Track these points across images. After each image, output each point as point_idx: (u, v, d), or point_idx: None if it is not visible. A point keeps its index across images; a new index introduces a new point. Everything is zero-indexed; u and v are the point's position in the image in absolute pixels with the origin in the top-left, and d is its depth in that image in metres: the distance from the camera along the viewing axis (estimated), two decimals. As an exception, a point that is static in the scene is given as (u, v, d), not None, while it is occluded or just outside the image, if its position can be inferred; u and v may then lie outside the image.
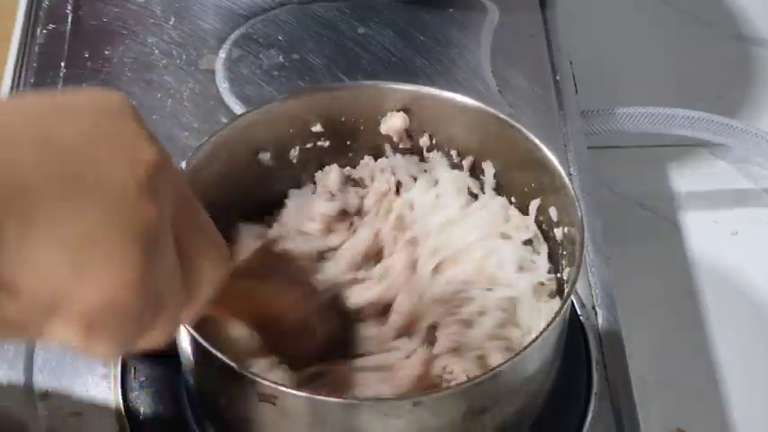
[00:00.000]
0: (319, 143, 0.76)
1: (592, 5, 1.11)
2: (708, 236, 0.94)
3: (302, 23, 0.98)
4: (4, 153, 0.43)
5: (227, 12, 0.99)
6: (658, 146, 0.99)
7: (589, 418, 0.72)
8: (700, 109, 0.94)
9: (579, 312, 0.77)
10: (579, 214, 0.66)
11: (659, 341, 0.85)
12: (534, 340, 0.62)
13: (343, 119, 0.76)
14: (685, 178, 0.98)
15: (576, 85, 0.95)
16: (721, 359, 0.85)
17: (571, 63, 0.97)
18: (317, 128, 0.75)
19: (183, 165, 0.69)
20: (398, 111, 0.75)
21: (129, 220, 0.45)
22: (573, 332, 0.74)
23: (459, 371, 0.66)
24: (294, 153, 0.76)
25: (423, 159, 0.77)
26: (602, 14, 1.11)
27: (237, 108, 0.90)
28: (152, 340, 0.49)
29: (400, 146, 0.76)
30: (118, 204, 0.44)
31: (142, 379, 0.73)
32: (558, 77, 0.95)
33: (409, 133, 0.76)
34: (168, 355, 0.71)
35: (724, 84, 1.06)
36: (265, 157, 0.75)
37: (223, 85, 0.93)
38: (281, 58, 0.95)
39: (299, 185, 0.76)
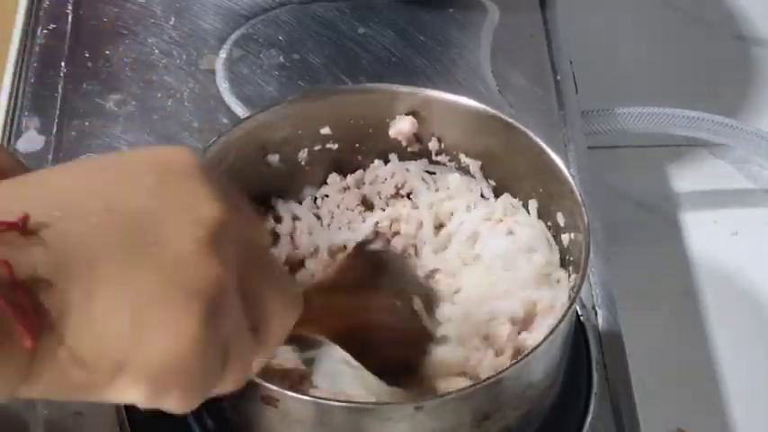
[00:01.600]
0: (328, 145, 0.76)
1: (592, 5, 1.11)
2: (708, 236, 0.94)
3: (302, 23, 0.98)
4: (69, 223, 0.43)
5: (227, 12, 0.99)
6: (658, 146, 0.99)
7: (589, 418, 0.72)
8: (700, 109, 0.94)
9: (579, 312, 0.77)
10: (585, 221, 0.66)
11: (659, 341, 0.85)
12: (537, 346, 0.62)
13: (351, 121, 0.75)
14: (685, 178, 0.98)
15: (576, 85, 0.95)
16: (721, 359, 0.85)
17: (571, 63, 0.97)
18: (326, 130, 0.75)
19: None
20: (407, 114, 0.75)
21: (190, 280, 0.45)
22: (573, 332, 0.74)
23: None
24: (303, 155, 0.76)
25: (431, 162, 0.77)
26: (602, 14, 1.11)
27: (238, 108, 0.90)
28: (223, 389, 0.49)
29: (408, 149, 0.76)
30: (178, 265, 0.45)
31: (142, 379, 0.73)
32: (558, 77, 0.95)
33: (418, 137, 0.76)
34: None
35: (724, 84, 1.06)
36: (274, 158, 0.75)
37: (223, 85, 0.93)
38: (281, 58, 0.95)
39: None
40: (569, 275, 0.69)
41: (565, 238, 0.70)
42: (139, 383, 0.45)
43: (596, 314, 0.78)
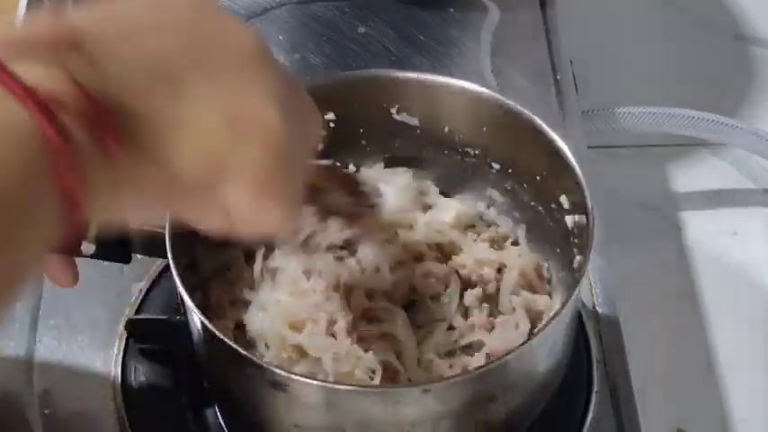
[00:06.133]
0: (332, 130, 0.75)
1: (592, 5, 1.11)
2: (708, 236, 0.93)
3: (302, 23, 0.98)
4: (139, 39, 0.44)
5: (227, 12, 0.99)
6: (658, 146, 0.99)
7: (589, 418, 0.72)
8: (700, 109, 0.94)
9: (580, 312, 0.77)
10: (588, 202, 0.66)
11: (659, 341, 0.85)
12: (542, 328, 0.62)
13: (356, 106, 0.75)
14: (685, 178, 0.98)
15: (576, 84, 0.95)
16: (721, 359, 0.85)
17: (571, 63, 0.97)
18: (330, 116, 0.75)
19: None
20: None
21: (264, 80, 0.47)
22: (574, 332, 0.74)
23: None
24: None
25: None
26: (602, 14, 1.11)
27: (237, 108, 0.90)
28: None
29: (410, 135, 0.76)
30: (250, 67, 0.47)
31: (142, 379, 0.73)
32: (558, 77, 0.95)
33: (422, 123, 0.76)
34: (169, 350, 0.71)
35: (724, 84, 1.06)
36: None
37: (223, 85, 0.92)
38: (281, 58, 0.95)
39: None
40: (575, 257, 0.70)
41: (569, 219, 0.70)
42: (244, 184, 0.46)
43: (596, 314, 0.78)
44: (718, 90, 1.05)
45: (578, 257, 0.69)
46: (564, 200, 0.71)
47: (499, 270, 0.73)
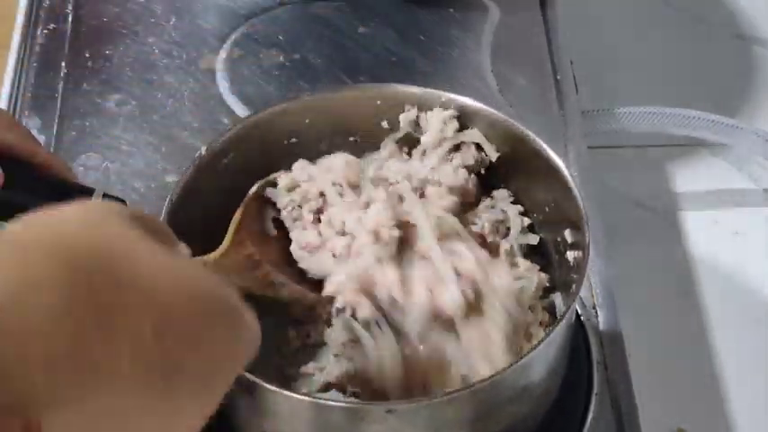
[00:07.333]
0: (350, 139, 0.75)
1: (592, 5, 1.11)
2: (708, 236, 0.93)
3: (302, 23, 0.98)
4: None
5: (228, 11, 0.99)
6: (658, 146, 0.99)
7: (589, 419, 0.72)
8: (700, 109, 0.94)
9: (580, 312, 0.77)
10: (587, 239, 0.65)
11: (659, 341, 0.85)
12: (518, 361, 0.60)
13: (374, 119, 0.75)
14: (685, 178, 0.98)
15: (576, 85, 0.95)
16: (721, 359, 0.85)
17: (571, 63, 0.97)
18: (340, 127, 0.75)
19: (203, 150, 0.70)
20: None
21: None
22: (573, 332, 0.74)
23: None
24: (323, 147, 0.75)
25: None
26: (602, 14, 1.11)
27: (238, 108, 0.90)
28: None
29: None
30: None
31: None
32: (558, 77, 0.95)
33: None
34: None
35: (724, 84, 1.06)
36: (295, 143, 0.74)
37: (223, 85, 0.93)
38: (281, 58, 0.95)
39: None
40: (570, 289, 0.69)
41: (570, 255, 0.69)
42: None
43: (596, 314, 0.78)
44: (718, 90, 1.05)
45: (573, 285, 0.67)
46: (568, 234, 0.70)
47: None
